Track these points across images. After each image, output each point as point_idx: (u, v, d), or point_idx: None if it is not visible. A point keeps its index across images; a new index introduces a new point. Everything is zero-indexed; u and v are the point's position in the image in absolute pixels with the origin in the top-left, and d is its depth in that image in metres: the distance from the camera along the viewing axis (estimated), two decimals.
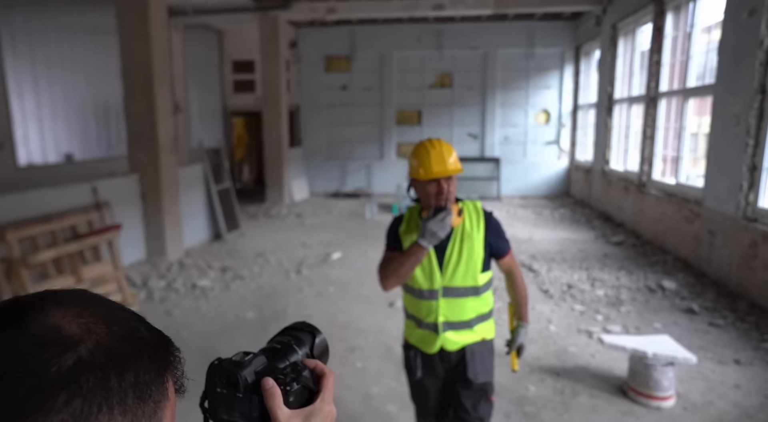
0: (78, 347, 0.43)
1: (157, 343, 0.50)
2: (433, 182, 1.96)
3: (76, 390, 0.41)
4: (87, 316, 0.46)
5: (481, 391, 2.09)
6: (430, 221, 1.89)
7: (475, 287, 2.04)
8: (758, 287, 4.54)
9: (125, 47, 5.57)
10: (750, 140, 4.71)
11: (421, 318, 2.07)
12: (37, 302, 0.45)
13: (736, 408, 3.06)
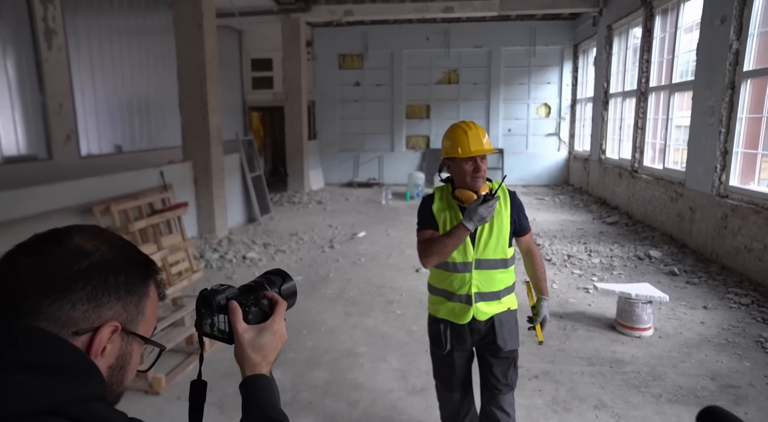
0: (90, 257, 0.69)
1: (143, 261, 0.77)
2: (470, 161, 2.08)
3: (88, 281, 0.68)
4: (97, 240, 0.72)
5: (510, 359, 2.22)
6: (480, 207, 1.96)
7: (504, 259, 2.17)
8: (728, 252, 5.39)
9: (182, 50, 6.37)
10: (722, 128, 5.55)
11: (453, 290, 2.17)
12: (67, 231, 0.72)
13: (699, 336, 3.91)
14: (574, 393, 3.15)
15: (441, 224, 2.16)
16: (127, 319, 0.74)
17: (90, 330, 0.69)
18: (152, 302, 0.79)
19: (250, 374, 0.90)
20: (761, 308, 4.36)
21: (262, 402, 0.88)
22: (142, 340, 0.77)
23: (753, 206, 5.02)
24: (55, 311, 0.67)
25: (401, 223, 8.44)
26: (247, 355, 0.90)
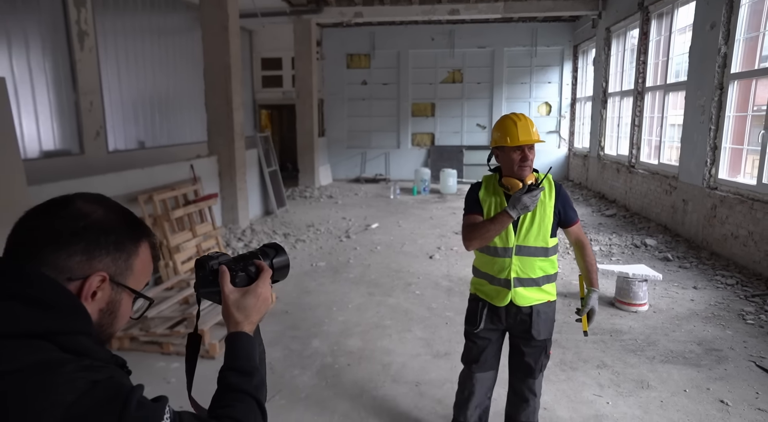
0: (87, 218, 0.84)
1: (135, 225, 0.91)
2: (518, 150, 2.16)
3: (82, 238, 0.83)
4: (95, 205, 0.87)
5: (542, 347, 2.33)
6: (525, 196, 2.04)
7: (545, 248, 2.24)
8: (716, 239, 5.85)
9: (208, 51, 6.79)
10: (712, 125, 6.02)
11: (493, 274, 2.27)
12: (73, 197, 0.87)
13: (688, 311, 4.38)
14: (579, 355, 3.60)
15: (486, 210, 2.26)
16: (116, 272, 0.87)
17: (81, 277, 0.83)
18: (142, 260, 0.91)
19: (233, 330, 1.03)
20: (744, 288, 4.83)
21: (241, 355, 1.00)
22: (131, 292, 0.91)
23: (739, 196, 5.49)
24: (54, 260, 0.81)
25: (411, 216, 8.89)
26: (231, 314, 1.02)
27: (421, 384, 3.26)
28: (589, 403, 3.01)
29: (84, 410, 0.69)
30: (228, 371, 0.99)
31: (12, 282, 0.77)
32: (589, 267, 2.33)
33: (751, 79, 5.67)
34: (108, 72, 7.77)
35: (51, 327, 0.76)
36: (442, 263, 5.99)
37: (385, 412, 2.95)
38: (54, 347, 0.75)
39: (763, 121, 5.26)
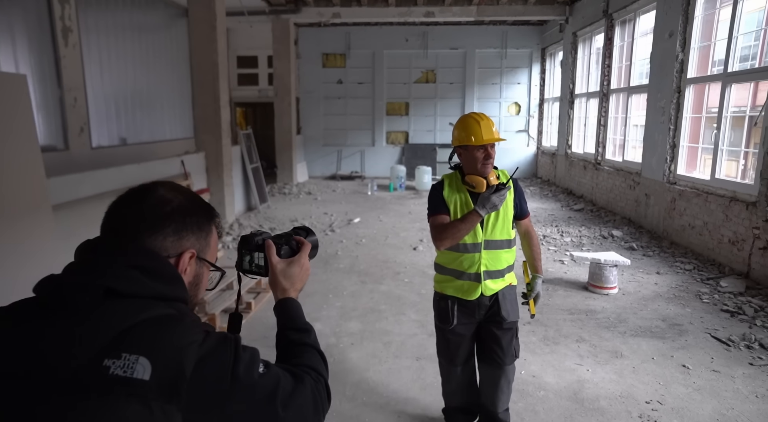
0: (172, 203, 0.95)
1: (207, 208, 1.03)
2: (481, 149, 2.25)
3: (172, 220, 0.94)
4: (175, 192, 0.98)
5: (512, 330, 2.43)
6: (493, 195, 2.13)
7: (509, 240, 2.36)
8: (675, 230, 6.41)
9: (196, 49, 6.93)
10: (671, 125, 6.57)
11: (462, 270, 2.34)
12: (153, 185, 0.98)
13: (653, 293, 4.85)
14: (560, 332, 3.99)
15: (452, 208, 2.31)
16: (200, 249, 0.99)
17: (176, 255, 0.95)
18: (214, 238, 1.04)
19: (281, 297, 1.15)
20: (700, 272, 5.36)
21: (294, 315, 1.12)
22: (209, 265, 1.03)
23: (695, 190, 6.04)
24: (151, 241, 0.91)
25: (390, 211, 9.21)
26: (278, 282, 1.14)
27: (421, 358, 3.58)
28: (572, 371, 3.39)
29: (210, 347, 0.84)
30: (286, 331, 1.10)
31: (132, 257, 0.89)
32: (535, 255, 2.50)
33: (704, 84, 6.23)
34: (91, 68, 7.77)
35: (165, 291, 0.89)
36: (426, 253, 6.33)
37: (392, 382, 3.25)
38: (171, 309, 0.88)
39: (715, 121, 5.82)
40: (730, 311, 4.33)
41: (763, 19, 5.43)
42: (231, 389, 0.83)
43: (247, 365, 0.86)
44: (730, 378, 3.26)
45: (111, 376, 0.73)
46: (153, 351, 0.77)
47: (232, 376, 0.83)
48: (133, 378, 0.73)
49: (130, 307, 0.82)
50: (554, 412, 2.91)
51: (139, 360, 0.75)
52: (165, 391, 0.75)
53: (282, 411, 0.89)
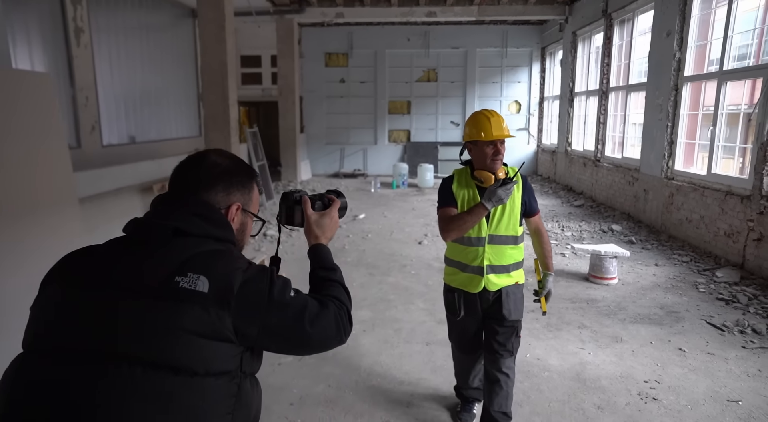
0: (220, 167, 1.19)
1: (250, 169, 1.26)
2: (491, 144, 2.30)
3: (222, 180, 1.18)
4: (223, 157, 1.22)
5: (513, 328, 2.44)
6: (500, 189, 2.17)
7: (515, 237, 2.39)
8: (673, 224, 6.59)
9: (206, 49, 7.09)
10: (669, 123, 6.75)
11: (467, 262, 2.40)
12: (206, 152, 1.22)
13: (651, 283, 5.03)
14: (562, 319, 4.17)
15: (460, 202, 2.38)
16: (244, 202, 1.23)
17: (225, 207, 1.20)
18: (256, 194, 1.29)
19: (314, 243, 1.39)
20: (697, 264, 5.55)
21: (324, 257, 1.35)
22: (252, 216, 1.28)
23: (692, 185, 6.23)
24: (206, 196, 1.17)
25: (394, 207, 9.38)
26: (312, 230, 1.39)
27: (431, 343, 3.76)
28: (574, 354, 3.58)
29: (252, 273, 1.08)
30: (317, 270, 1.33)
31: (193, 207, 1.14)
32: (545, 253, 2.53)
33: (701, 82, 6.42)
34: (101, 68, 7.94)
35: (218, 233, 1.14)
36: (430, 247, 6.51)
37: (404, 365, 3.43)
38: (222, 247, 1.13)
39: (711, 118, 6.00)
40: (725, 299, 4.51)
41: (757, 19, 5.61)
42: (267, 306, 1.06)
43: (280, 289, 1.09)
44: (724, 360, 3.44)
45: (180, 288, 0.99)
46: (210, 272, 1.02)
47: (268, 296, 1.06)
48: (196, 290, 1.00)
49: (191, 242, 1.08)
50: (558, 390, 3.10)
51: (200, 278, 1.01)
52: (219, 301, 1.00)
53: (309, 327, 1.11)
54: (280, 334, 1.09)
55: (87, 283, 1.03)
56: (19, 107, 3.30)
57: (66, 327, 0.99)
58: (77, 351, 0.97)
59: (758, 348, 3.59)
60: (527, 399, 3.00)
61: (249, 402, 1.09)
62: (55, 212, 3.52)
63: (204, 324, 0.98)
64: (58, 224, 3.52)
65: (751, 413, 2.84)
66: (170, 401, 0.95)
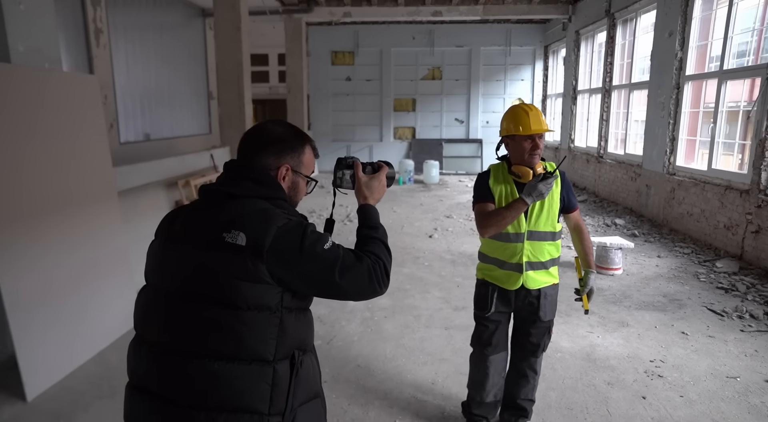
0: (273, 133, 1.41)
1: (301, 135, 1.45)
2: (529, 139, 2.24)
3: (273, 145, 1.39)
4: (277, 125, 1.43)
5: (547, 327, 2.47)
6: (540, 183, 2.14)
7: (553, 232, 2.34)
8: (675, 218, 6.84)
9: (221, 48, 7.33)
10: (670, 120, 6.99)
11: (505, 259, 2.36)
12: (264, 122, 1.43)
13: (654, 273, 5.29)
14: (571, 306, 4.42)
15: (497, 197, 2.34)
16: (294, 164, 1.41)
17: (276, 168, 1.38)
18: (307, 157, 1.44)
19: (362, 203, 1.53)
20: (698, 255, 5.80)
21: (369, 216, 1.50)
22: (304, 177, 1.45)
23: (693, 180, 6.47)
24: (260, 160, 1.36)
25: (402, 203, 9.63)
26: (362, 191, 1.54)
27: (450, 328, 4.01)
28: (584, 337, 3.83)
29: (286, 229, 1.26)
30: (362, 227, 1.48)
31: (246, 172, 1.35)
32: (586, 250, 2.49)
33: (702, 81, 6.65)
34: (118, 67, 8.17)
35: (267, 193, 1.35)
36: (441, 241, 6.76)
37: (426, 347, 3.68)
38: (267, 203, 1.34)
39: (712, 116, 6.25)
40: (724, 288, 4.76)
41: (756, 18, 5.84)
42: (299, 256, 1.25)
43: (312, 241, 1.26)
44: (723, 342, 3.70)
45: (225, 242, 1.24)
46: (248, 229, 1.24)
47: (300, 247, 1.25)
48: (236, 243, 1.23)
49: (241, 204, 1.30)
50: (571, 369, 3.35)
51: (239, 234, 1.23)
52: (253, 252, 1.22)
53: (338, 278, 1.27)
54: (311, 281, 1.27)
55: (168, 237, 1.34)
56: (70, 106, 3.54)
57: (158, 270, 1.35)
58: (165, 288, 1.31)
59: (755, 332, 3.85)
60: (543, 377, 3.23)
61: (293, 331, 1.31)
62: (100, 204, 3.76)
63: (243, 270, 1.22)
64: (101, 215, 3.76)
65: (748, 387, 3.09)
66: (221, 326, 1.23)
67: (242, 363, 1.24)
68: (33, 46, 3.30)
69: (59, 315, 3.26)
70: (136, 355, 1.34)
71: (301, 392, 1.33)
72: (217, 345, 1.24)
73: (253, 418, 1.25)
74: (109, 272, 3.79)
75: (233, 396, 1.24)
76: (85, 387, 3.16)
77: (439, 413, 2.89)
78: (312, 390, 1.39)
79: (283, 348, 1.28)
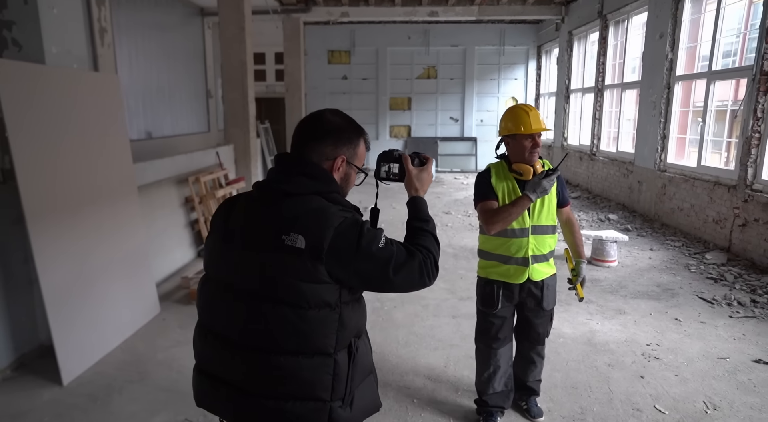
0: (332, 123, 1.42)
1: (357, 127, 1.45)
2: (529, 138, 2.36)
3: (331, 135, 1.40)
4: (335, 116, 1.43)
5: (549, 315, 2.65)
6: (544, 180, 2.26)
7: (553, 226, 2.47)
8: (666, 213, 7.12)
9: (226, 48, 7.46)
10: (661, 118, 7.26)
11: (510, 254, 2.45)
12: (322, 111, 1.44)
13: (648, 265, 5.54)
14: (570, 296, 4.59)
15: (500, 194, 2.43)
16: (349, 156, 1.41)
17: (333, 158, 1.38)
18: (361, 149, 1.45)
19: (414, 195, 1.55)
20: (688, 248, 6.07)
21: (420, 209, 1.53)
22: (356, 168, 1.45)
23: (683, 176, 6.75)
24: (318, 147, 1.37)
25: (401, 199, 9.82)
26: (413, 183, 1.55)
27: (457, 317, 4.22)
28: (584, 324, 4.06)
29: (343, 228, 1.28)
30: (413, 220, 1.51)
31: (300, 167, 1.36)
32: (577, 242, 2.65)
33: (691, 81, 6.93)
34: (121, 66, 8.27)
35: (321, 188, 1.35)
36: (442, 236, 6.97)
37: (435, 334, 3.89)
38: (323, 199, 1.34)
39: (701, 114, 6.52)
40: (714, 278, 5.03)
41: (742, 19, 6.12)
42: (356, 254, 1.28)
43: (368, 240, 1.29)
44: (714, 327, 3.95)
45: (285, 245, 1.28)
46: (307, 231, 1.27)
47: (357, 246, 1.28)
48: (296, 246, 1.27)
49: (298, 202, 1.32)
50: (573, 352, 3.58)
51: (299, 237, 1.27)
52: (313, 255, 1.26)
53: (393, 275, 1.31)
54: (367, 278, 1.32)
55: (227, 236, 1.38)
56: (98, 105, 3.70)
57: (220, 266, 1.40)
58: (229, 284, 1.37)
59: (743, 317, 4.11)
60: (547, 360, 3.42)
61: (350, 322, 1.37)
62: (123, 199, 3.92)
63: (303, 272, 1.26)
64: (125, 210, 3.93)
65: (737, 366, 3.34)
66: (285, 325, 1.30)
67: (306, 357, 1.32)
68: (65, 48, 3.45)
69: (90, 305, 3.43)
70: (202, 340, 1.44)
71: (358, 375, 1.42)
72: (283, 342, 1.31)
73: (317, 405, 1.34)
74: (133, 265, 3.96)
75: (298, 387, 1.32)
76: (115, 372, 3.33)
77: (453, 392, 3.10)
78: (366, 369, 1.48)
79: (342, 340, 1.36)
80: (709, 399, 2.97)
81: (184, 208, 5.83)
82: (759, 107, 5.36)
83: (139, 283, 4.02)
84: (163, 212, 5.37)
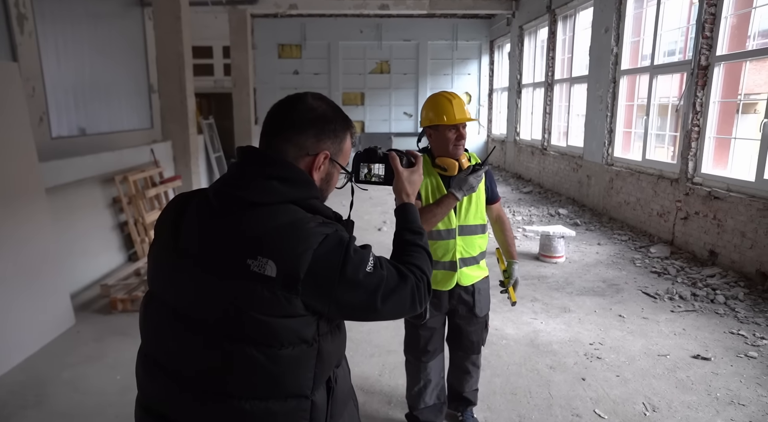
0: (317, 111, 1.12)
1: (345, 117, 1.19)
2: (453, 129, 2.12)
3: (315, 125, 1.12)
4: (320, 101, 1.15)
5: (483, 322, 2.42)
6: (470, 176, 2.04)
7: (483, 225, 2.27)
8: (613, 206, 7.15)
9: (161, 40, 7.03)
10: (608, 113, 7.29)
11: (437, 258, 2.20)
12: (304, 95, 1.15)
13: (595, 260, 5.51)
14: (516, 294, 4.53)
15: (423, 192, 2.18)
16: (333, 152, 1.16)
17: (314, 153, 1.13)
18: (347, 145, 1.20)
19: (405, 201, 1.33)
20: (634, 242, 6.09)
21: (412, 219, 1.30)
22: (339, 167, 1.20)
23: (629, 170, 6.78)
24: (297, 139, 1.11)
25: (376, 204, 9.59)
26: (404, 187, 1.33)
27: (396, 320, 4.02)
28: (528, 324, 3.94)
29: (324, 251, 1.02)
30: (403, 231, 1.26)
31: (270, 167, 1.08)
32: (509, 241, 2.44)
33: (635, 75, 6.97)
34: (48, 57, 7.67)
35: (297, 195, 1.08)
36: (390, 234, 6.69)
37: (372, 340, 3.68)
38: (299, 208, 1.08)
39: (645, 109, 6.55)
40: (657, 272, 5.03)
41: (681, 18, 6.17)
42: (339, 283, 1.04)
43: (354, 266, 1.05)
44: (656, 323, 3.90)
45: (250, 271, 1.01)
46: (278, 256, 1.01)
47: (340, 274, 1.03)
48: (264, 274, 1.00)
49: (265, 216, 1.05)
50: (515, 355, 3.43)
51: (268, 263, 1.00)
52: (285, 285, 1.01)
53: (381, 304, 1.07)
54: (350, 310, 1.09)
55: (177, 251, 1.08)
56: None
57: (168, 287, 1.12)
58: (179, 309, 1.09)
59: (683, 312, 4.08)
60: (488, 364, 3.31)
61: (329, 356, 1.13)
62: (24, 201, 3.52)
63: (273, 305, 1.01)
64: (27, 213, 3.53)
65: (676, 363, 3.28)
66: (251, 367, 1.04)
67: (277, 401, 1.08)
68: None
69: None
70: (147, 374, 1.16)
71: (338, 410, 1.21)
72: (248, 386, 1.06)
73: None
74: (38, 274, 3.57)
75: None
76: (6, 396, 2.96)
77: (385, 405, 2.89)
78: (346, 397, 1.27)
79: (321, 377, 1.13)
80: (648, 400, 2.88)
81: (112, 209, 5.42)
82: (698, 101, 5.39)
83: (47, 293, 3.63)
84: (86, 214, 4.94)
